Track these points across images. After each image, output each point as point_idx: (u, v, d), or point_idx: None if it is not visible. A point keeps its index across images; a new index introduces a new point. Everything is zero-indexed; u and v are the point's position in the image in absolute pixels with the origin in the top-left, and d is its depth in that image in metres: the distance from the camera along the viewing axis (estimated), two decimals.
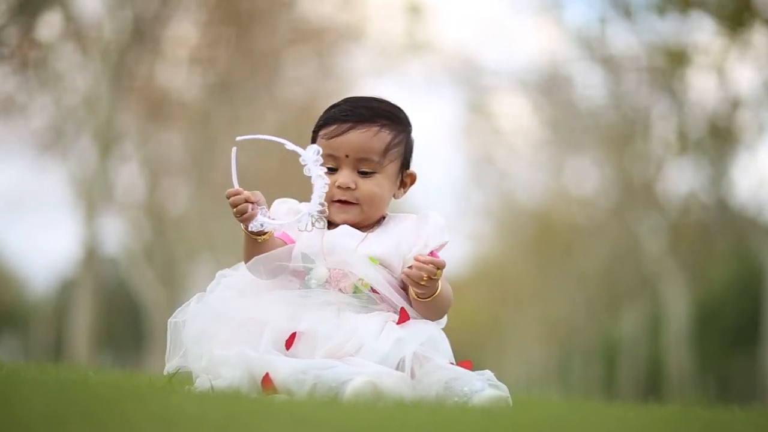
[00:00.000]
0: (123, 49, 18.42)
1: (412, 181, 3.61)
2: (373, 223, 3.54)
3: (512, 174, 30.39)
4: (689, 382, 22.19)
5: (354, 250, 3.43)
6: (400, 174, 3.56)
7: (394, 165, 3.52)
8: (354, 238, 3.46)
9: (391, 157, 3.51)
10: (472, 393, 3.16)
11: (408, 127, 3.59)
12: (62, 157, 19.61)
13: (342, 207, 3.48)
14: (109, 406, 2.30)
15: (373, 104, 3.55)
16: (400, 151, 3.54)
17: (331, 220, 3.48)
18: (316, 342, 3.24)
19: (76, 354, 17.54)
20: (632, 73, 20.55)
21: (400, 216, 3.59)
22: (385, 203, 3.53)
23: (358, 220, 3.49)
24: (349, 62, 23.09)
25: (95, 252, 18.38)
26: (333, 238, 3.45)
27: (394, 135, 3.52)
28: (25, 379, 3.15)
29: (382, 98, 3.61)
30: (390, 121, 3.53)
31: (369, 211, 3.50)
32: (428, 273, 3.31)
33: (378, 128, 3.50)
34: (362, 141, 3.48)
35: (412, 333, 3.29)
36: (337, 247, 3.43)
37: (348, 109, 3.53)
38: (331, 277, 3.40)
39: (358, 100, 3.58)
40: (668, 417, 3.25)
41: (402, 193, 3.61)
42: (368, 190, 3.47)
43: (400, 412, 2.59)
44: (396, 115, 3.56)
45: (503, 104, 26.97)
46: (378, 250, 3.45)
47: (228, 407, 2.41)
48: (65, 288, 36.81)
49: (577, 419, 2.80)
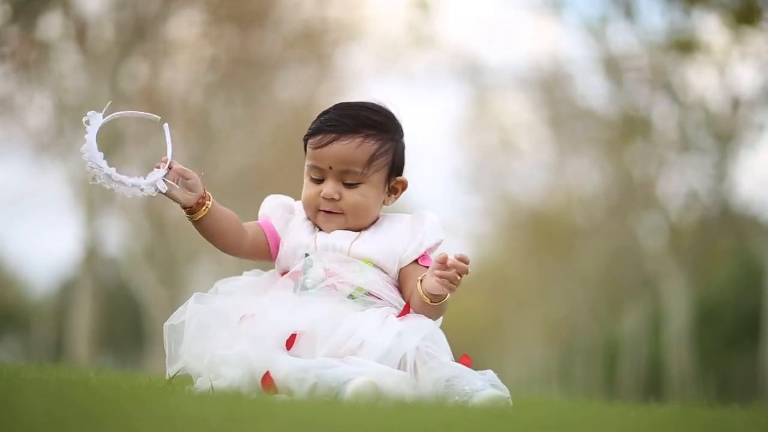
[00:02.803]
0: (123, 49, 18.42)
1: (403, 187, 3.59)
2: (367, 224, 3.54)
3: (513, 173, 30.41)
4: (690, 382, 22.19)
5: (347, 252, 3.43)
6: (387, 182, 3.54)
7: (379, 174, 3.50)
8: (347, 238, 3.47)
9: (377, 167, 3.49)
10: (472, 392, 3.16)
11: (396, 135, 3.55)
12: (62, 158, 19.61)
13: (328, 216, 3.49)
14: (109, 407, 2.30)
15: (360, 113, 3.51)
16: (387, 160, 3.51)
17: (320, 226, 3.51)
18: (317, 341, 3.24)
19: (77, 354, 17.54)
20: (633, 72, 20.54)
21: (395, 216, 3.58)
22: (372, 212, 3.52)
23: (343, 229, 3.50)
24: (349, 62, 23.10)
25: (96, 252, 18.38)
26: (326, 238, 3.46)
27: (380, 145, 3.49)
28: (26, 380, 3.15)
29: (373, 104, 3.57)
30: (375, 131, 3.49)
31: (354, 221, 3.49)
32: (461, 271, 3.29)
33: (362, 139, 3.47)
34: (345, 153, 3.46)
35: (412, 327, 3.29)
36: (330, 247, 3.44)
37: (334, 118, 3.50)
38: (326, 276, 3.39)
39: (346, 109, 3.54)
40: (669, 417, 3.25)
41: (392, 200, 3.59)
42: (353, 201, 3.47)
43: (400, 412, 2.59)
44: (382, 123, 3.52)
45: (504, 102, 26.99)
46: (372, 251, 3.45)
47: (228, 408, 2.41)
48: (66, 288, 36.80)
49: (578, 419, 2.80)
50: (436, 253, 3.49)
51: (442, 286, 3.28)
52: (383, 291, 3.40)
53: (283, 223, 3.53)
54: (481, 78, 24.09)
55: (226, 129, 22.35)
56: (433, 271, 3.30)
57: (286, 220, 3.54)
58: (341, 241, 3.46)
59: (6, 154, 24.13)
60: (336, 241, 3.46)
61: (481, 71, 23.74)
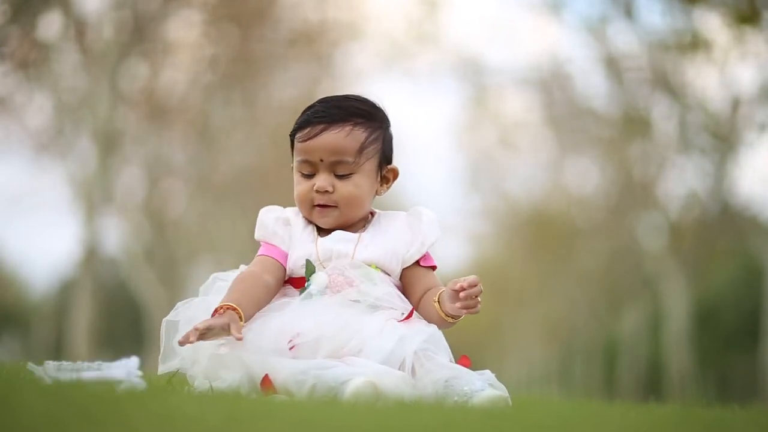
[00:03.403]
0: (123, 49, 18.42)
1: (394, 176, 3.57)
2: (362, 220, 3.52)
3: (513, 172, 30.42)
4: (690, 382, 22.19)
5: (351, 257, 3.41)
6: (379, 170, 3.52)
7: (371, 162, 3.48)
8: (348, 242, 3.44)
9: (368, 155, 3.46)
10: (472, 393, 3.16)
11: (384, 123, 3.54)
12: (62, 157, 19.61)
13: (322, 211, 3.46)
14: (109, 406, 2.30)
15: (346, 103, 3.50)
16: (377, 148, 3.49)
17: (316, 222, 3.49)
18: (318, 344, 3.23)
19: (77, 354, 17.53)
20: (633, 72, 20.55)
21: (390, 214, 3.55)
22: (366, 203, 3.50)
23: (339, 223, 3.47)
24: (349, 61, 23.09)
25: (95, 252, 18.38)
26: (328, 244, 3.43)
27: (369, 132, 3.47)
28: (25, 379, 3.14)
29: (359, 96, 3.56)
30: (363, 119, 3.48)
31: (349, 213, 3.46)
32: (476, 294, 3.31)
33: (351, 127, 3.45)
34: (335, 143, 3.43)
35: (414, 331, 3.29)
36: (334, 254, 3.42)
37: (320, 110, 3.48)
38: (331, 282, 3.38)
39: (331, 100, 3.53)
40: (669, 416, 3.25)
41: (385, 190, 3.56)
42: (347, 192, 3.44)
43: (399, 412, 2.59)
44: (370, 112, 3.51)
45: (504, 102, 26.98)
46: (375, 254, 3.43)
47: (228, 408, 2.41)
48: (65, 288, 36.80)
49: (578, 419, 2.80)
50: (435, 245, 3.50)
51: (464, 310, 3.33)
52: (395, 302, 3.39)
53: (287, 240, 3.47)
54: (481, 77, 24.09)
55: (226, 129, 22.35)
56: (453, 301, 3.33)
57: (287, 236, 3.48)
58: (344, 247, 3.43)
59: (6, 154, 24.12)
60: (338, 246, 3.43)
61: (481, 70, 23.74)
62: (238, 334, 3.18)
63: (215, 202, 23.45)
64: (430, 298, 3.42)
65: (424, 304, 3.43)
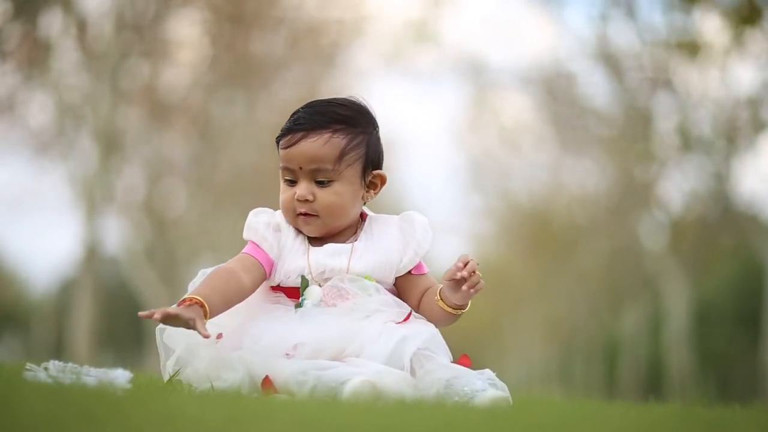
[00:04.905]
0: (123, 47, 18.42)
1: (382, 182, 3.48)
2: (353, 226, 3.48)
3: (514, 172, 30.42)
4: (690, 381, 22.20)
5: (345, 271, 3.37)
6: (364, 177, 3.44)
7: (353, 169, 3.40)
8: (342, 254, 3.40)
9: (349, 162, 3.39)
10: (472, 393, 3.15)
11: (368, 128, 3.46)
12: (62, 157, 19.60)
13: (305, 219, 3.41)
14: (109, 406, 2.30)
15: (328, 109, 3.43)
16: (360, 153, 3.41)
17: (301, 230, 3.44)
18: (318, 351, 3.21)
19: (77, 353, 17.54)
20: (634, 71, 20.54)
21: (382, 218, 3.51)
22: (350, 210, 3.43)
23: (323, 232, 3.42)
24: (350, 60, 23.09)
25: (96, 252, 18.39)
26: (321, 258, 3.39)
27: (350, 139, 3.40)
28: (26, 379, 3.14)
29: (345, 99, 3.50)
30: (345, 125, 3.41)
31: (331, 222, 3.41)
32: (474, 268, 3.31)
33: (330, 135, 3.39)
34: (313, 151, 3.38)
35: (413, 331, 3.28)
36: (327, 269, 3.38)
37: (301, 117, 3.43)
38: (325, 295, 3.36)
39: (315, 106, 3.47)
40: (669, 416, 3.24)
41: (372, 195, 3.49)
42: (327, 201, 3.38)
43: (400, 411, 2.59)
44: (352, 117, 3.43)
45: (506, 101, 26.99)
46: (370, 265, 3.39)
47: (229, 407, 2.41)
48: (66, 288, 36.83)
49: (578, 418, 2.79)
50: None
51: (472, 290, 3.32)
52: (392, 309, 3.38)
53: (276, 247, 3.43)
54: (482, 77, 24.09)
55: (226, 128, 22.34)
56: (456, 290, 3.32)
57: (276, 242, 3.43)
58: (337, 262, 3.39)
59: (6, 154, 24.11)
60: (331, 262, 3.39)
61: (482, 70, 23.74)
62: (204, 331, 3.15)
63: (216, 202, 23.44)
64: (430, 299, 3.40)
65: (425, 305, 3.42)
